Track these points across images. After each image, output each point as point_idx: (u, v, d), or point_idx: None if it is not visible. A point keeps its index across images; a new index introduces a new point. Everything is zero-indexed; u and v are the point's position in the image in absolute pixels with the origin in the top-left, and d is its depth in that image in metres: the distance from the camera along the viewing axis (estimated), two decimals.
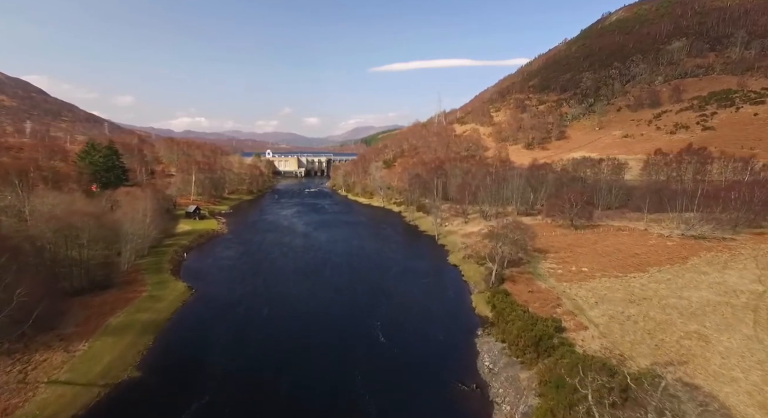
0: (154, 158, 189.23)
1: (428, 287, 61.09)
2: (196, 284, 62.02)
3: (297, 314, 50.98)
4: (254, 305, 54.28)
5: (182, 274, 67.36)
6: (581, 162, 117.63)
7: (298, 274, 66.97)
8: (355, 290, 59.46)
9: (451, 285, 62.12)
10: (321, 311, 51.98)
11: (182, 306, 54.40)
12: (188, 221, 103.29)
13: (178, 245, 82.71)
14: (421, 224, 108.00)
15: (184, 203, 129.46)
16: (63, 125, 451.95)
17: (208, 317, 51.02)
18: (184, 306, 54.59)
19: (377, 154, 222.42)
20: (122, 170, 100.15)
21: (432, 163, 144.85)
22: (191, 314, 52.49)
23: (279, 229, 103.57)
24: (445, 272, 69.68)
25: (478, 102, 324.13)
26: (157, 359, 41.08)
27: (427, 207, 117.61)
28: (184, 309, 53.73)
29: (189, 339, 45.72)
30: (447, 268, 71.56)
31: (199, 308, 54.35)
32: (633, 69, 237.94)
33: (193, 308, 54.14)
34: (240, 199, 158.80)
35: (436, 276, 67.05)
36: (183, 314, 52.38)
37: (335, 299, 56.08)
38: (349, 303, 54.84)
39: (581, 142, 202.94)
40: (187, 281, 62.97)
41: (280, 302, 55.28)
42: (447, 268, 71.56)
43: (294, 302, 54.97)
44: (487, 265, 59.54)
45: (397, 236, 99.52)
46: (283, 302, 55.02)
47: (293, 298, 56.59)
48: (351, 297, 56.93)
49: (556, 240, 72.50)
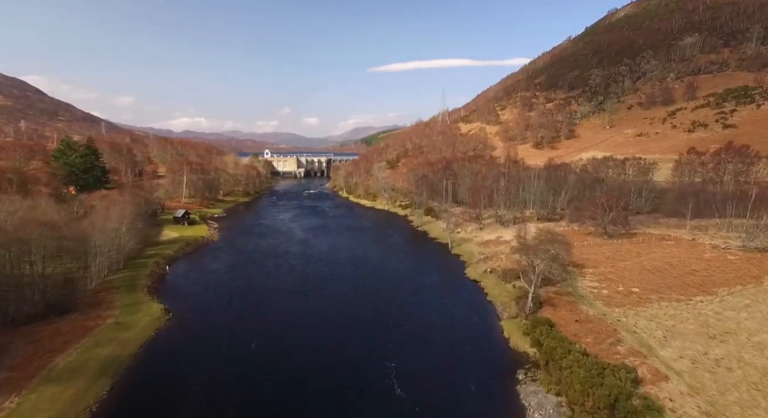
0: (146, 158, 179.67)
1: (447, 310, 51.44)
2: (176, 306, 52.40)
3: (290, 350, 41.23)
4: (240, 335, 44.59)
5: (161, 292, 57.69)
6: (602, 162, 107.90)
7: (294, 293, 57.25)
8: (362, 316, 49.70)
9: (475, 308, 52.45)
10: (320, 345, 42.25)
11: (154, 336, 44.76)
12: (175, 226, 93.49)
13: (160, 256, 72.98)
14: (430, 229, 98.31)
15: (173, 206, 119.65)
16: (59, 125, 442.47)
17: (183, 353, 41.33)
18: (157, 336, 44.95)
19: (379, 154, 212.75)
20: (102, 171, 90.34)
21: (439, 164, 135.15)
22: (164, 347, 42.82)
23: (275, 235, 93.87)
24: (465, 289, 59.99)
25: (481, 101, 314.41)
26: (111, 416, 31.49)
27: (436, 211, 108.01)
28: (156, 340, 44.09)
29: (155, 384, 36.03)
30: (466, 284, 61.87)
31: (175, 338, 44.68)
32: (643, 66, 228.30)
33: (167, 339, 44.48)
34: (236, 201, 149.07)
35: (455, 295, 57.38)
36: (154, 346, 42.75)
37: (338, 329, 46.32)
38: (355, 335, 45.05)
39: (592, 141, 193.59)
40: (165, 302, 53.36)
41: (271, 331, 45.55)
42: (466, 284, 61.87)
43: (288, 333, 45.23)
44: (517, 284, 49.95)
45: (405, 244, 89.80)
46: (274, 333, 45.28)
47: (287, 326, 46.86)
48: (357, 326, 47.16)
49: (591, 251, 62.84)
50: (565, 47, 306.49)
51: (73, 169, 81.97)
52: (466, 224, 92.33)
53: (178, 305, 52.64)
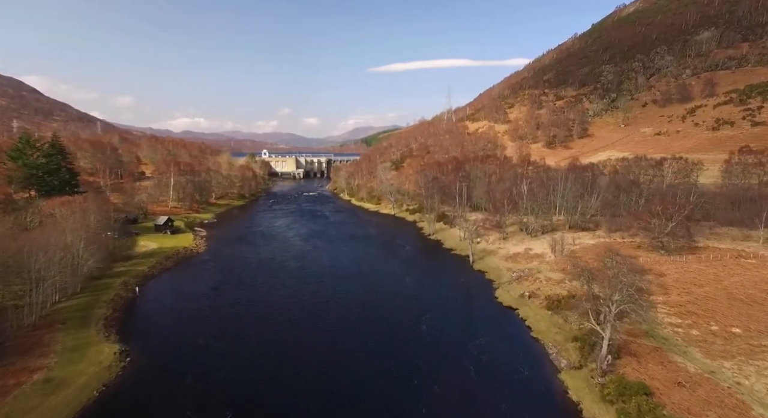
0: (134, 159, 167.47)
1: (485, 355, 39.41)
2: (137, 346, 40.47)
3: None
4: (216, 393, 32.63)
5: (123, 325, 45.66)
6: (635, 162, 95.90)
7: (287, 327, 45.17)
8: (376, 368, 37.53)
9: (519, 350, 40.42)
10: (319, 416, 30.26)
11: (97, 397, 32.78)
12: (156, 236, 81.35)
13: (131, 274, 60.87)
14: (444, 238, 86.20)
15: (159, 212, 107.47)
16: (54, 125, 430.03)
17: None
18: (101, 396, 32.96)
19: (382, 154, 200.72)
20: (70, 173, 78.02)
21: (449, 164, 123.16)
22: (106, 415, 30.84)
23: (269, 246, 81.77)
24: (500, 320, 47.99)
25: (485, 100, 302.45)
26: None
27: (449, 217, 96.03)
28: (99, 403, 32.11)
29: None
30: (500, 313, 49.87)
31: (124, 400, 32.67)
32: (657, 61, 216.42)
33: (114, 401, 32.48)
34: (229, 205, 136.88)
35: (490, 330, 45.31)
36: (93, 415, 30.76)
37: (345, 388, 34.23)
38: (369, 398, 32.90)
39: (607, 140, 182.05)
40: (124, 340, 41.46)
41: (254, 392, 33.48)
42: (500, 313, 49.87)
43: (276, 395, 33.17)
44: (570, 316, 38.02)
45: (418, 258, 77.68)
46: (258, 395, 33.18)
47: (276, 385, 34.73)
48: (370, 384, 34.97)
49: (651, 271, 50.83)
50: (573, 44, 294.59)
51: (33, 170, 69.82)
52: (487, 233, 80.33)
53: (140, 345, 40.66)
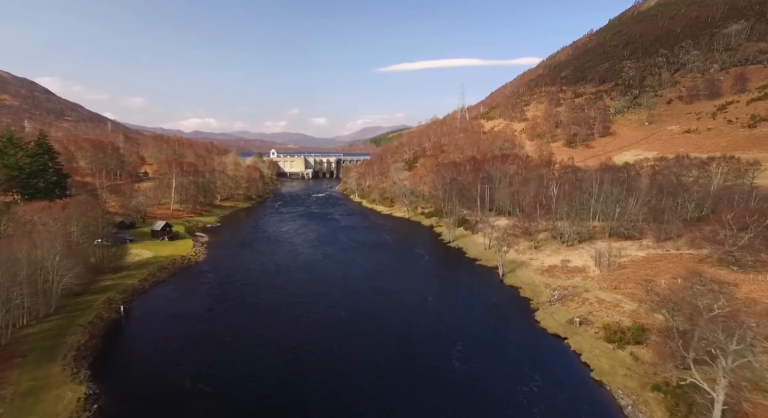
0: (139, 159, 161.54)
1: (539, 405, 30.89)
2: (110, 387, 32.82)
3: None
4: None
5: (97, 357, 38.08)
6: (675, 162, 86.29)
7: (290, 365, 37.11)
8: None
9: (582, 400, 31.78)
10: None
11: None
12: (151, 243, 74.12)
13: (118, 289, 53.47)
14: (467, 246, 77.59)
15: (159, 215, 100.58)
16: (65, 125, 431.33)
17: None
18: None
19: (393, 154, 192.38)
20: (59, 175, 71.10)
21: (467, 164, 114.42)
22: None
23: (275, 255, 74.01)
24: (549, 355, 39.31)
25: (498, 97, 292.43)
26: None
27: (470, 222, 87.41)
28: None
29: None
30: (545, 343, 41.21)
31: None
32: (683, 56, 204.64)
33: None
34: (234, 207, 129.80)
35: (538, 367, 36.66)
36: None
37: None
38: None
39: (631, 138, 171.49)
40: (94, 379, 33.84)
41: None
42: (545, 343, 41.21)
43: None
44: (665, 369, 29.34)
45: (440, 270, 69.12)
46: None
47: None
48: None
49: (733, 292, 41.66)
50: (589, 40, 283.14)
51: (15, 171, 62.99)
52: (515, 241, 71.51)
53: (113, 387, 33.04)
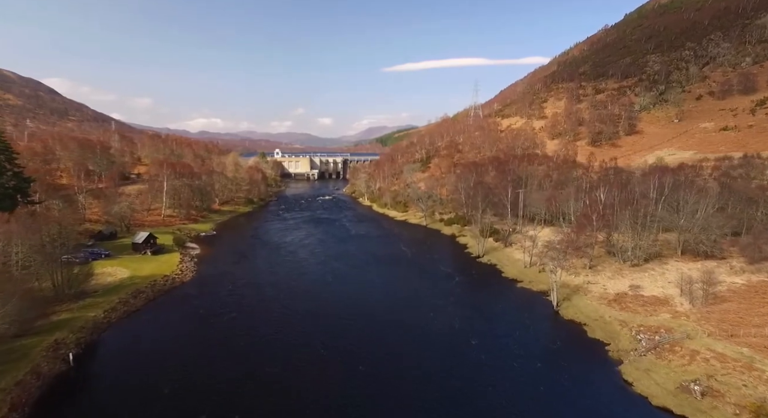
0: (134, 159, 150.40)
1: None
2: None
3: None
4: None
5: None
6: (744, 162, 73.30)
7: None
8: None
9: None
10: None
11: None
12: (131, 259, 62.14)
13: (74, 327, 41.50)
14: (501, 263, 64.91)
15: (149, 222, 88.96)
16: (69, 125, 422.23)
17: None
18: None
19: (404, 154, 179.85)
20: (18, 178, 59.16)
21: (489, 165, 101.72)
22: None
23: (276, 274, 61.81)
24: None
25: (509, 95, 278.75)
26: None
27: (501, 232, 74.73)
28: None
29: None
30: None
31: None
32: (711, 49, 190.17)
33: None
34: (234, 212, 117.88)
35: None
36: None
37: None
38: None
39: (661, 137, 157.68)
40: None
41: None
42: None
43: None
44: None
45: (477, 296, 56.18)
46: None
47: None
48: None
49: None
50: (607, 34, 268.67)
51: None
52: (562, 257, 58.76)
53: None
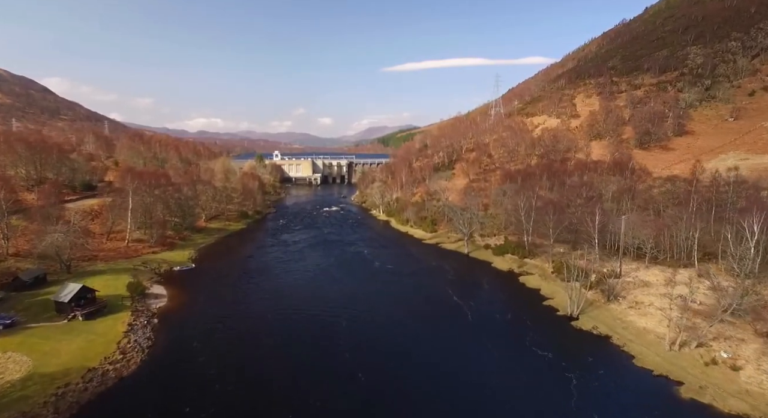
0: (111, 163, 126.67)
1: None
2: None
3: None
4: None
5: None
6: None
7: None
8: None
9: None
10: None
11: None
12: (46, 330, 39.02)
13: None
14: (620, 335, 41.55)
15: (108, 252, 65.66)
16: (60, 124, 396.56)
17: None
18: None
19: (417, 156, 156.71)
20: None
21: (542, 173, 78.74)
22: None
23: (269, 357, 38.81)
24: None
25: (523, 92, 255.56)
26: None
27: (593, 272, 51.63)
28: None
29: None
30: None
31: None
32: (761, 40, 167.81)
33: None
34: (224, 229, 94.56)
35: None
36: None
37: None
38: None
39: (717, 138, 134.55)
40: None
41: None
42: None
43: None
44: None
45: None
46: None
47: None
48: None
49: None
50: (628, 27, 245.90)
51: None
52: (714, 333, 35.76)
53: None
